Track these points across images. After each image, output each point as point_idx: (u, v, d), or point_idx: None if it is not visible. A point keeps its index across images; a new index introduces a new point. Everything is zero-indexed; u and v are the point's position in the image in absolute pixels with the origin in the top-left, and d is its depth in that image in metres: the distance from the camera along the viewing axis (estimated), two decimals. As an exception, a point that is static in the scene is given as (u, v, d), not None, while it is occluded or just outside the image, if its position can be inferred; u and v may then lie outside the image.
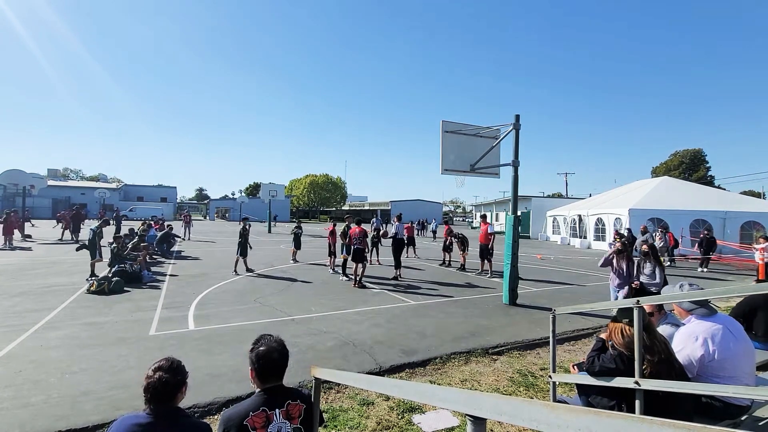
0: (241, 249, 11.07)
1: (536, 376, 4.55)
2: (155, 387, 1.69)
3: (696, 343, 2.57)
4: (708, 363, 2.54)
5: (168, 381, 1.71)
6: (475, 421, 1.24)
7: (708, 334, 2.57)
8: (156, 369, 1.74)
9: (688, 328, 2.71)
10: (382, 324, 6.38)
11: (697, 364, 2.56)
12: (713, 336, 2.56)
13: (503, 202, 37.18)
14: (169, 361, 1.80)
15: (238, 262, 11.17)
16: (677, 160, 56.75)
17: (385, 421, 3.47)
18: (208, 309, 7.02)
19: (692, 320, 2.75)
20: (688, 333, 2.67)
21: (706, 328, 2.61)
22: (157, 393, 1.69)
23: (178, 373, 1.78)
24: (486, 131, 9.00)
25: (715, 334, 2.57)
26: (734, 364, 2.54)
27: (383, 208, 62.11)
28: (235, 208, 52.55)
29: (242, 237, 11.15)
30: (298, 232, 13.69)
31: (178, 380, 1.76)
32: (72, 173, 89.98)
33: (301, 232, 13.85)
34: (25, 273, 10.12)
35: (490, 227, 11.93)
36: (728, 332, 2.59)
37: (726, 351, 2.52)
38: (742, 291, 1.92)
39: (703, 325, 2.64)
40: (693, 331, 2.65)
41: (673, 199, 20.99)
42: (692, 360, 2.56)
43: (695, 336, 2.60)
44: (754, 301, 4.19)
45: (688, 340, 2.63)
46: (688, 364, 2.56)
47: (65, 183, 60.65)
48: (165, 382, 1.70)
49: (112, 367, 4.41)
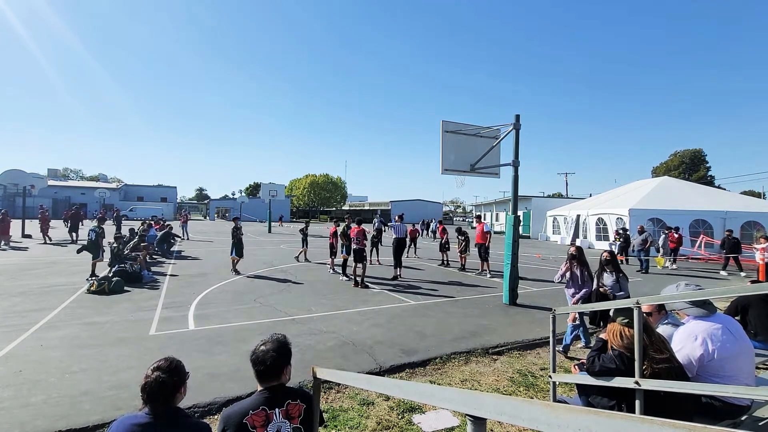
0: (236, 249, 10.96)
1: (536, 376, 4.55)
2: (152, 387, 1.68)
3: (695, 343, 2.57)
4: (707, 363, 2.54)
5: (165, 381, 1.69)
6: (475, 421, 1.24)
7: (707, 334, 2.57)
8: (154, 369, 1.73)
9: (687, 328, 2.70)
10: (382, 324, 6.38)
11: (696, 364, 2.56)
12: (712, 335, 2.56)
13: (503, 202, 37.17)
14: (168, 361, 1.78)
15: (235, 262, 11.12)
16: (677, 160, 56.79)
17: (385, 421, 3.47)
18: (208, 309, 7.02)
19: (690, 320, 2.75)
20: (687, 332, 2.67)
21: (706, 327, 2.61)
22: (153, 393, 1.68)
23: (176, 373, 1.75)
24: (486, 131, 9.00)
25: (715, 333, 2.57)
26: (734, 363, 2.54)
27: (383, 208, 62.13)
28: (235, 208, 52.54)
29: (235, 237, 10.99)
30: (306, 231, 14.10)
31: (176, 381, 1.74)
32: (72, 173, 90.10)
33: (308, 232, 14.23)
34: (25, 273, 10.12)
35: (485, 226, 11.92)
36: (728, 332, 2.59)
37: (725, 350, 2.52)
38: (741, 291, 1.92)
39: (703, 324, 2.64)
40: (692, 331, 2.64)
41: (673, 199, 21.00)
42: (692, 359, 2.56)
43: (694, 335, 2.60)
44: (746, 299, 4.23)
45: (687, 339, 2.63)
46: (687, 364, 2.56)
47: (65, 183, 60.67)
48: (162, 383, 1.68)
49: (112, 367, 4.41)
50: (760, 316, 4.14)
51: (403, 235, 11.75)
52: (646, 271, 13.18)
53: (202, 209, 76.35)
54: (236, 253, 10.97)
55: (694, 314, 2.73)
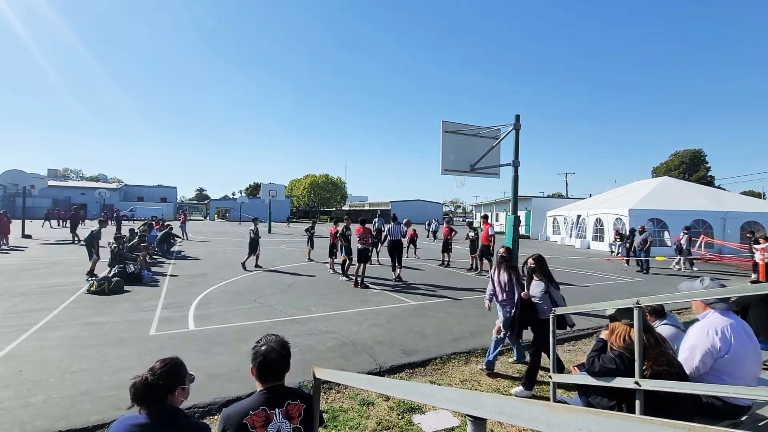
0: (251, 247, 11.81)
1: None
2: (137, 388, 1.64)
3: (716, 337, 2.58)
4: (721, 357, 2.54)
5: (151, 384, 1.64)
6: (475, 421, 1.24)
7: (727, 328, 2.59)
8: (149, 369, 1.70)
9: (707, 322, 2.70)
10: (382, 324, 6.38)
11: (715, 355, 2.56)
12: (733, 329, 2.58)
13: (503, 202, 37.16)
14: (163, 363, 1.73)
15: (250, 259, 11.81)
16: (677, 161, 56.79)
17: (385, 421, 3.47)
18: (208, 309, 7.02)
19: (710, 314, 2.73)
20: (705, 326, 2.67)
21: (726, 322, 2.62)
22: (137, 394, 1.64)
23: (166, 376, 1.69)
24: (486, 131, 9.00)
25: (735, 327, 2.60)
26: (745, 362, 2.56)
27: (383, 208, 62.12)
28: (235, 209, 52.56)
29: (253, 235, 11.91)
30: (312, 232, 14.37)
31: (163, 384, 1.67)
32: (72, 173, 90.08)
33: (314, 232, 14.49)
34: (26, 273, 10.12)
35: (491, 228, 11.92)
36: (743, 330, 2.60)
37: (741, 347, 2.54)
38: (742, 291, 1.92)
39: (723, 319, 2.65)
40: (711, 324, 2.65)
41: (673, 200, 20.98)
42: (712, 351, 2.56)
43: (714, 329, 2.61)
44: (746, 299, 4.23)
45: (706, 332, 2.63)
46: (705, 357, 2.56)
47: (65, 183, 60.68)
48: (147, 385, 1.64)
49: (112, 368, 4.41)
50: (761, 317, 4.14)
51: (397, 237, 10.86)
52: (646, 271, 13.16)
53: (202, 209, 76.36)
54: (249, 250, 11.84)
55: (719, 309, 2.73)
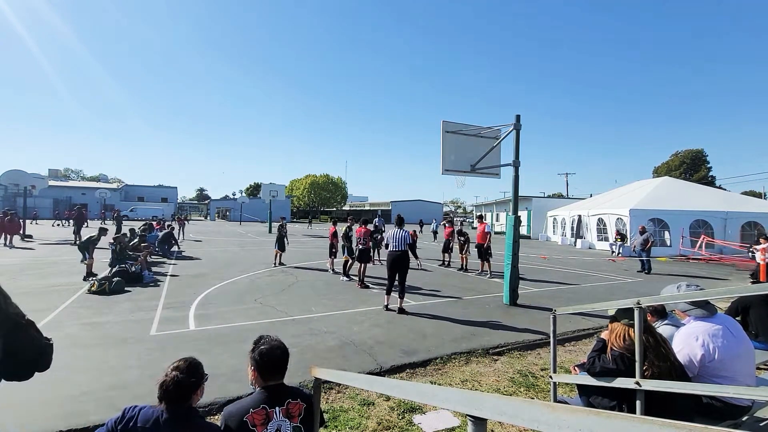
0: (279, 244, 12.41)
1: (537, 377, 4.54)
2: (168, 386, 1.71)
3: (696, 343, 2.56)
4: (708, 363, 2.53)
5: (181, 381, 1.73)
6: (475, 422, 1.24)
7: (708, 334, 2.57)
8: (174, 368, 1.76)
9: (688, 329, 2.70)
10: (382, 324, 6.38)
11: (698, 364, 2.55)
12: (713, 336, 2.56)
13: (504, 203, 37.14)
14: (187, 362, 1.81)
15: (277, 256, 12.50)
16: (678, 160, 56.72)
17: (385, 421, 3.47)
18: (208, 309, 7.02)
19: (691, 321, 2.75)
20: (688, 333, 2.67)
21: (706, 328, 2.61)
22: (169, 392, 1.71)
23: (194, 374, 1.79)
24: (486, 131, 8.99)
25: (716, 334, 2.56)
26: (734, 364, 2.53)
27: (384, 209, 62.10)
28: (236, 209, 52.59)
29: (280, 233, 12.52)
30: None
31: (192, 382, 1.77)
32: (73, 173, 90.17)
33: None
34: (26, 273, 10.13)
35: (486, 227, 11.91)
36: (728, 332, 2.59)
37: (726, 351, 2.51)
38: (742, 291, 1.91)
39: (704, 325, 2.63)
40: (693, 332, 2.64)
41: (674, 200, 20.96)
42: (693, 360, 2.56)
43: (695, 336, 2.60)
44: (747, 300, 4.22)
45: (688, 340, 2.63)
46: (688, 364, 2.56)
47: (66, 183, 60.76)
48: (178, 382, 1.72)
49: (112, 367, 4.40)
50: (761, 317, 4.14)
51: (400, 247, 7.13)
52: (648, 271, 13.15)
53: (202, 209, 76.40)
54: (278, 247, 12.43)
55: (695, 315, 2.72)
